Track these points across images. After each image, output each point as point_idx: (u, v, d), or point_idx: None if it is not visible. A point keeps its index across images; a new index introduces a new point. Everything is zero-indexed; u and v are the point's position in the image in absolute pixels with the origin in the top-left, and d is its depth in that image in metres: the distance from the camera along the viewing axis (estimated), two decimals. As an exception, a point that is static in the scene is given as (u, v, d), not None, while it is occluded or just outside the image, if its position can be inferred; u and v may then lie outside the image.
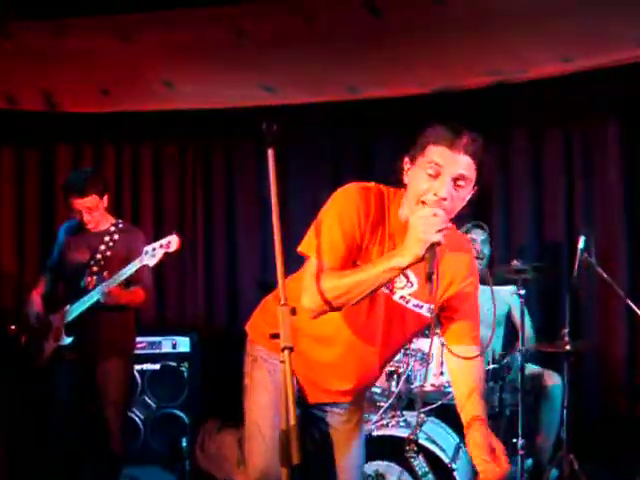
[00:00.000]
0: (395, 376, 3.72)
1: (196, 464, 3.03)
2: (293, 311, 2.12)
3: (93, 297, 3.96)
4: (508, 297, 4.47)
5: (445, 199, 2.19)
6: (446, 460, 3.45)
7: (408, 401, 3.99)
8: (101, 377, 4.10)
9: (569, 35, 4.40)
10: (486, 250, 4.56)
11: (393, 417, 3.71)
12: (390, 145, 5.31)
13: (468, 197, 2.29)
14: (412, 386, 3.78)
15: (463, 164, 2.21)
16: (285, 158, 2.22)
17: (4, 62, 5.05)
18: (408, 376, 3.75)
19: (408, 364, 3.74)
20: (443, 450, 3.52)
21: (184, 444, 4.67)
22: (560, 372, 4.19)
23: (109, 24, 4.92)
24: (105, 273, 4.00)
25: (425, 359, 3.75)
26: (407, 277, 2.40)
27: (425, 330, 3.75)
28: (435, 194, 2.20)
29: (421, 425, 3.67)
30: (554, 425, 4.28)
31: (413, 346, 3.77)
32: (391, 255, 2.20)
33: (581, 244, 3.87)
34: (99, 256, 4.07)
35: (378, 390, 3.81)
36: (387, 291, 2.40)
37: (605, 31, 4.33)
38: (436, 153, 2.22)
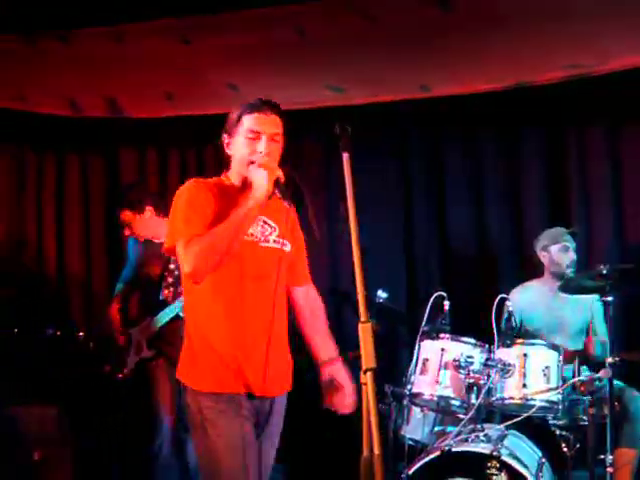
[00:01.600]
0: (475, 388, 3.54)
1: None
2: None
3: (174, 310, 3.98)
4: (592, 305, 4.27)
5: (269, 153, 2.64)
6: (529, 477, 3.29)
7: (488, 414, 3.85)
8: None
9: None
10: (575, 257, 4.38)
11: (473, 431, 3.55)
12: (460, 143, 5.18)
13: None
14: (492, 398, 3.60)
15: (274, 123, 2.67)
16: (354, 159, 2.25)
17: (68, 70, 5.09)
18: (489, 388, 3.57)
19: (489, 375, 3.56)
20: (526, 466, 3.36)
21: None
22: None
23: (170, 28, 4.90)
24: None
25: (506, 370, 3.58)
26: (268, 224, 2.72)
27: (506, 340, 3.65)
28: (260, 152, 2.63)
29: (502, 440, 3.50)
30: (636, 440, 4.07)
31: (494, 356, 3.60)
32: (245, 202, 2.55)
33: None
34: (172, 266, 4.02)
35: (457, 402, 3.64)
36: (265, 243, 2.70)
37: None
38: (251, 120, 2.66)
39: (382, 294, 4.23)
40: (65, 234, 5.77)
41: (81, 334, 5.19)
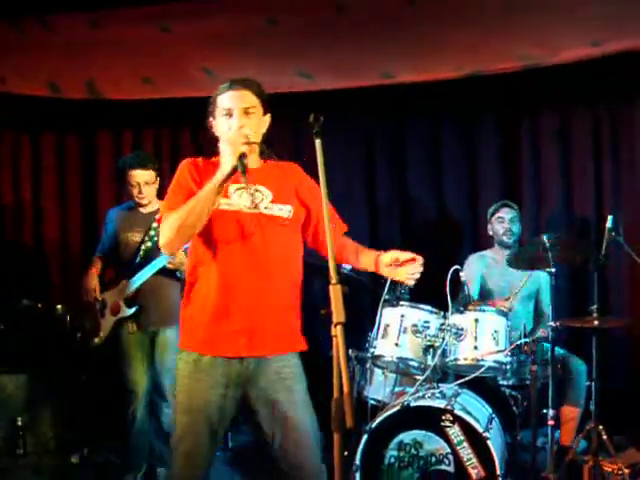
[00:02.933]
0: (431, 350, 3.89)
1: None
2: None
3: (160, 262, 4.17)
4: (540, 276, 4.63)
5: (242, 126, 2.75)
6: (480, 429, 3.61)
7: (443, 375, 4.16)
8: (160, 346, 4.31)
9: (598, 20, 4.50)
10: (515, 228, 4.75)
11: (429, 389, 3.88)
12: (423, 129, 5.48)
13: (266, 118, 2.90)
14: (447, 360, 3.94)
15: (245, 97, 2.80)
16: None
17: (47, 52, 5.24)
18: (444, 350, 3.91)
19: (444, 339, 3.90)
20: (477, 420, 3.68)
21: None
22: (587, 350, 4.32)
23: (147, 15, 5.08)
24: None
25: (459, 334, 3.92)
26: (261, 192, 2.86)
27: (459, 307, 3.98)
28: (234, 127, 2.76)
29: (456, 397, 3.85)
30: (580, 400, 4.45)
31: (448, 322, 3.94)
32: (213, 177, 2.69)
33: (609, 223, 3.99)
34: (152, 233, 4.28)
35: (415, 364, 3.98)
36: (254, 210, 2.82)
37: (634, 15, 4.42)
38: (223, 99, 2.82)
39: (346, 266, 4.52)
40: (43, 211, 5.94)
41: (59, 307, 5.38)
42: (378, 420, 3.73)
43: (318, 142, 2.46)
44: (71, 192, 5.97)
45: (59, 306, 5.36)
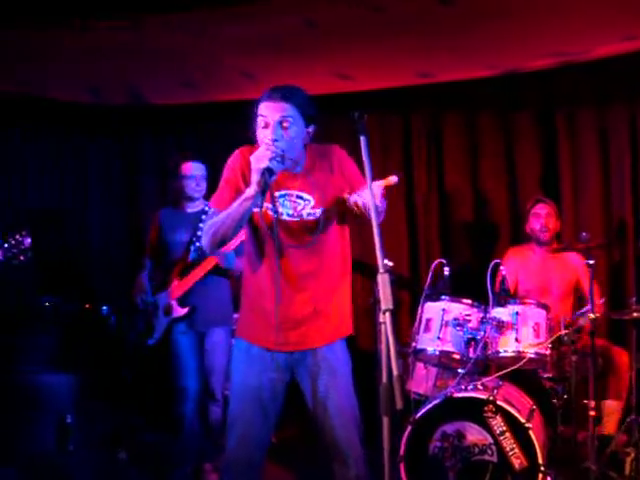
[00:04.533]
0: (473, 343, 3.95)
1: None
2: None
3: (211, 262, 4.24)
4: (578, 266, 4.66)
5: (275, 140, 2.69)
6: (522, 420, 3.65)
7: (484, 368, 4.22)
8: (210, 346, 4.39)
9: (632, 14, 4.51)
10: (551, 224, 4.77)
11: (471, 382, 3.93)
12: (460, 125, 5.54)
13: (307, 131, 2.80)
14: (489, 352, 3.99)
15: (282, 109, 2.73)
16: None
17: (90, 58, 5.33)
18: (485, 343, 3.97)
19: (485, 332, 3.95)
20: (519, 411, 3.71)
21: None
22: (628, 341, 4.35)
23: (187, 19, 5.17)
24: None
25: (500, 326, 3.98)
26: (302, 198, 2.86)
27: (500, 300, 4.03)
28: (268, 139, 2.69)
29: (498, 388, 3.89)
30: (621, 392, 4.47)
31: (489, 315, 3.99)
32: (244, 192, 2.69)
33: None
34: (200, 233, 4.29)
35: (456, 357, 4.04)
36: (296, 218, 2.84)
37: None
38: (261, 108, 2.76)
39: (387, 262, 4.58)
40: (88, 213, 6.10)
41: (104, 308, 5.51)
42: (422, 412, 3.79)
43: (363, 139, 2.51)
44: (115, 196, 6.11)
45: (105, 307, 5.49)
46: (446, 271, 4.19)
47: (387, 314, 2.33)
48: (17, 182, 6.06)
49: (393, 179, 2.62)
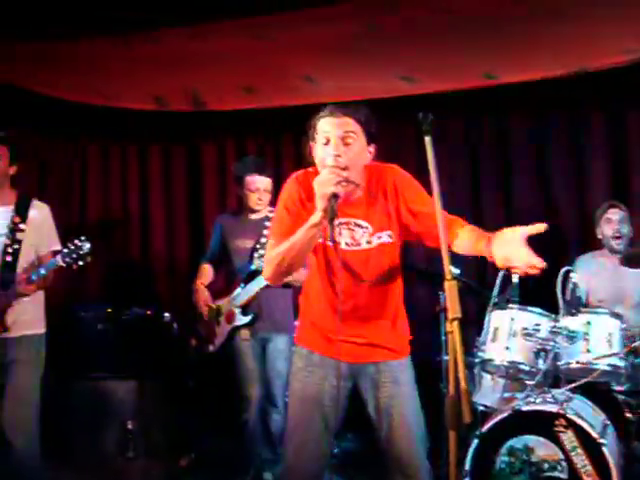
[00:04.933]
0: (542, 354, 3.80)
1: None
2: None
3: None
4: None
5: (339, 156, 2.61)
6: (595, 435, 3.48)
7: (555, 380, 4.05)
8: (272, 354, 4.36)
9: None
10: (624, 230, 4.57)
11: (540, 394, 3.77)
12: (527, 128, 5.38)
13: (368, 149, 2.72)
14: (559, 363, 3.85)
15: (344, 124, 2.64)
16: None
17: (153, 66, 5.40)
18: (555, 354, 3.82)
19: (555, 342, 3.80)
20: (592, 426, 3.55)
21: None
22: None
23: (248, 25, 5.17)
24: None
25: (571, 337, 3.82)
26: (360, 226, 2.78)
27: (571, 309, 3.87)
28: (331, 155, 2.61)
29: (568, 401, 3.73)
30: None
31: (560, 324, 3.84)
32: (308, 220, 2.59)
33: None
34: (264, 240, 4.26)
35: (525, 368, 3.89)
36: (355, 247, 2.78)
37: None
38: (322, 124, 2.67)
39: (455, 270, 4.47)
40: (150, 220, 6.10)
41: (167, 315, 5.52)
42: (488, 425, 3.65)
43: (428, 140, 2.44)
44: (177, 202, 6.11)
45: (167, 314, 5.50)
46: (515, 278, 4.05)
47: (455, 323, 2.24)
48: (79, 186, 6.11)
49: (541, 227, 2.58)
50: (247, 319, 4.37)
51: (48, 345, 4.28)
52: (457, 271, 4.45)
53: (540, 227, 2.55)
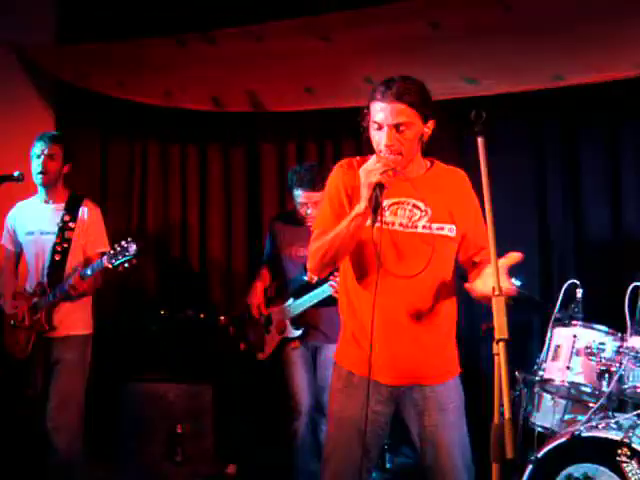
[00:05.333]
0: (606, 375, 3.56)
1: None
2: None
3: (325, 292, 4.07)
4: None
5: (392, 145, 2.52)
6: (663, 467, 3.25)
7: (620, 403, 3.82)
8: (323, 363, 4.23)
9: None
10: None
11: (603, 418, 3.55)
12: (598, 135, 5.10)
13: (424, 128, 2.61)
14: (625, 386, 3.59)
15: (397, 112, 2.52)
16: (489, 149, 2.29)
17: (210, 67, 5.34)
18: (621, 376, 3.57)
19: (621, 363, 3.55)
20: (660, 456, 3.31)
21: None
22: None
23: (308, 26, 5.07)
24: None
25: (639, 357, 3.56)
26: (419, 208, 2.64)
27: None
28: (382, 145, 2.54)
29: (634, 428, 3.48)
30: None
31: (627, 344, 3.59)
32: (352, 210, 2.52)
33: None
34: None
35: (588, 390, 3.66)
36: (411, 229, 2.62)
37: None
38: (374, 110, 2.57)
39: (515, 282, 4.26)
40: (208, 222, 6.00)
41: (222, 318, 5.45)
42: (545, 450, 3.44)
43: (480, 141, 2.29)
44: (236, 204, 6.02)
45: (222, 317, 5.43)
46: (579, 293, 3.82)
47: (501, 344, 2.05)
48: (139, 186, 6.09)
49: (516, 256, 2.42)
50: (298, 333, 4.29)
51: (99, 346, 4.29)
52: (518, 282, 4.23)
53: (516, 257, 2.43)
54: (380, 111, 2.55)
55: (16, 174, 3.95)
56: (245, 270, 5.72)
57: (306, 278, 4.19)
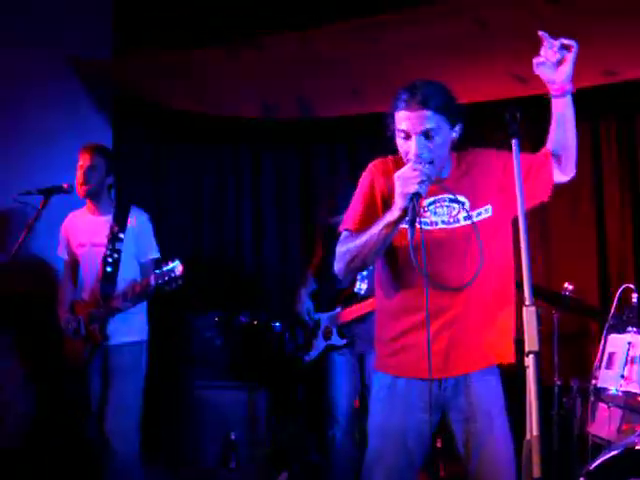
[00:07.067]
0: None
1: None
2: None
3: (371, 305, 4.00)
4: None
5: (422, 154, 2.43)
6: None
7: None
8: (370, 370, 4.14)
9: None
10: None
11: (661, 429, 3.39)
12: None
13: (453, 133, 2.53)
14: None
15: (424, 119, 2.43)
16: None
17: (260, 73, 5.32)
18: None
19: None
20: None
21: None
22: None
23: (355, 27, 5.00)
24: None
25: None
26: (457, 201, 2.56)
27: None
28: (412, 154, 2.44)
29: (695, 440, 3.32)
30: None
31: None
32: (386, 213, 2.43)
33: None
34: None
35: (644, 398, 3.51)
36: (453, 224, 2.56)
37: None
38: (399, 119, 2.49)
39: (568, 286, 4.13)
40: (263, 227, 6.07)
41: (277, 324, 5.45)
42: (597, 462, 3.28)
43: (515, 143, 2.24)
44: (290, 209, 6.06)
45: (277, 323, 5.43)
46: (634, 298, 3.67)
47: (531, 357, 1.97)
48: (190, 196, 6.15)
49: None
50: (343, 342, 4.27)
51: (154, 351, 4.33)
52: (570, 287, 4.12)
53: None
54: (406, 119, 2.47)
55: (65, 185, 4.02)
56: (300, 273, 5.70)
57: (355, 289, 4.21)
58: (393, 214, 2.41)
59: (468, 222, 2.55)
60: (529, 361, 1.97)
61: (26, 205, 4.12)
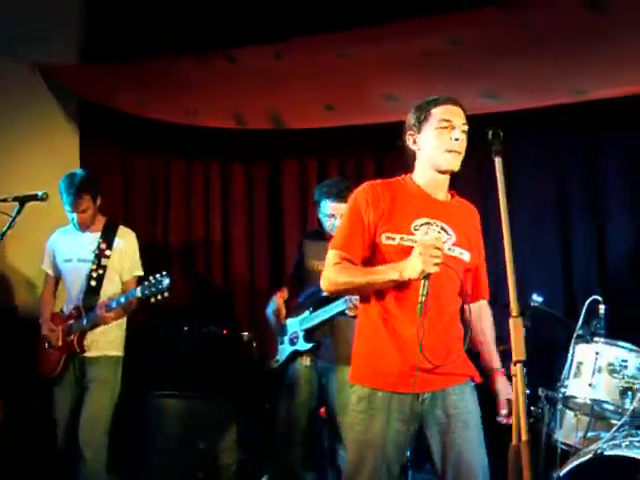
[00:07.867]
0: (629, 393, 3.52)
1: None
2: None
3: (338, 306, 4.05)
4: None
5: (460, 139, 2.68)
6: (688, 487, 3.20)
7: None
8: (338, 383, 4.17)
9: None
10: None
11: (627, 437, 3.49)
12: (622, 149, 5.05)
13: None
14: (649, 404, 3.54)
15: (462, 115, 2.73)
16: (508, 166, 2.30)
17: (232, 85, 5.38)
18: (644, 393, 3.52)
19: (645, 380, 3.52)
20: (685, 475, 3.27)
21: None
22: None
23: (327, 42, 5.08)
24: None
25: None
26: (446, 230, 2.72)
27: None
28: (456, 140, 2.67)
29: (659, 447, 3.44)
30: None
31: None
32: (394, 267, 2.55)
33: None
34: None
35: (610, 407, 3.61)
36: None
37: None
38: (442, 112, 2.71)
39: (537, 298, 4.22)
40: (231, 239, 6.05)
41: (245, 334, 5.47)
42: (567, 468, 3.39)
43: (498, 161, 2.35)
44: (258, 221, 6.06)
45: (245, 333, 5.45)
46: (601, 309, 3.78)
47: (518, 366, 2.05)
48: (163, 203, 6.14)
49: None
50: (308, 346, 4.26)
51: (123, 361, 4.38)
52: (540, 299, 4.22)
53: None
54: (451, 112, 2.71)
55: (40, 194, 3.99)
56: (268, 285, 5.72)
57: (325, 293, 4.19)
58: (402, 276, 2.53)
59: (452, 254, 2.70)
60: (516, 369, 2.04)
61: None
